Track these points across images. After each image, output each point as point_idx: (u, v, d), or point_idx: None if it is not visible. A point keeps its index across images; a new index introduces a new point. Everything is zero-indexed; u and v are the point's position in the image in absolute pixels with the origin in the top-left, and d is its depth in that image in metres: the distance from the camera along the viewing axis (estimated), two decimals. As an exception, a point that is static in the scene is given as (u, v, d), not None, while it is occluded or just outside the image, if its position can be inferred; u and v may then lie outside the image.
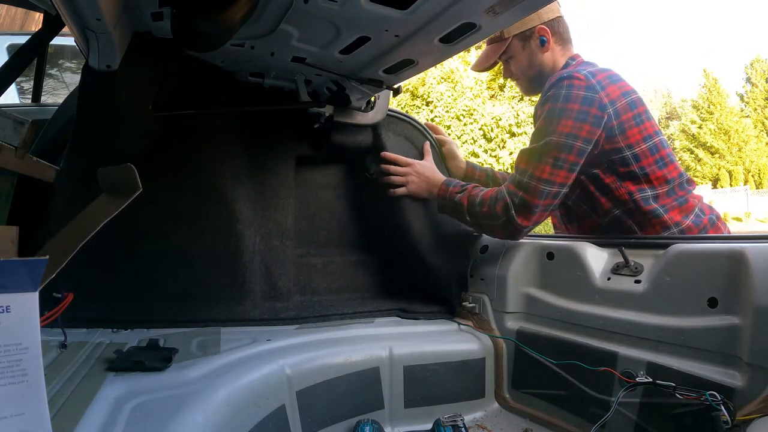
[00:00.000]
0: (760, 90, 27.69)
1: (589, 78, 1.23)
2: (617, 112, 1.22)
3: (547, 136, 1.21)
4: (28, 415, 0.50)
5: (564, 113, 1.20)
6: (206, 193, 1.29)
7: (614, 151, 1.24)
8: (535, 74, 1.44)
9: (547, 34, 1.39)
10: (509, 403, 1.20)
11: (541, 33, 1.39)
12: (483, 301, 1.33)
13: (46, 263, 0.51)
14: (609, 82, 1.25)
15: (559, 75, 1.29)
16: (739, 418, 0.74)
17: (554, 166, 1.19)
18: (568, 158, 1.19)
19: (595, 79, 1.23)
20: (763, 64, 27.85)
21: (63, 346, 0.89)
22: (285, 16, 0.98)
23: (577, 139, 1.19)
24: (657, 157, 1.26)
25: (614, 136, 1.23)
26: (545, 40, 1.39)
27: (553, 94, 1.24)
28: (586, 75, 1.24)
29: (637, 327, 0.97)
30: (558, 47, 1.41)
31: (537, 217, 1.22)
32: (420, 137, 1.59)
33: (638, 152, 1.24)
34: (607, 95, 1.22)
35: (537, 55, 1.41)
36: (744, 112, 27.72)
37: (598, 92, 1.21)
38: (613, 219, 1.30)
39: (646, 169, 1.25)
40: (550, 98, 1.25)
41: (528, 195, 1.19)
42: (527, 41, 1.41)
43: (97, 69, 1.09)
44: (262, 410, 0.86)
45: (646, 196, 1.26)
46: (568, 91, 1.22)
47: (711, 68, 45.66)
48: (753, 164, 25.61)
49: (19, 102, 2.84)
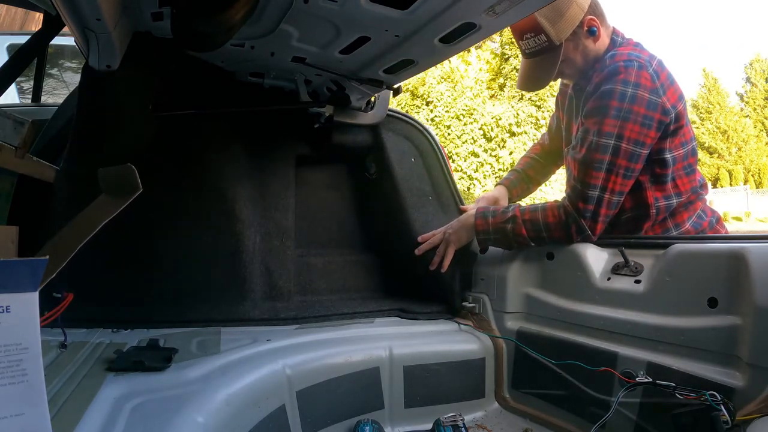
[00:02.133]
0: (760, 90, 27.68)
1: (654, 79, 1.15)
2: (677, 116, 1.17)
3: (612, 139, 1.13)
4: (28, 415, 0.50)
5: (630, 116, 1.13)
6: (206, 193, 1.29)
7: (659, 152, 1.20)
8: (590, 65, 1.29)
9: (595, 23, 1.24)
10: (509, 403, 1.20)
11: (590, 24, 1.24)
12: (483, 301, 1.33)
13: (46, 263, 0.51)
14: (669, 83, 1.18)
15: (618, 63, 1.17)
16: (739, 418, 0.74)
17: (625, 176, 1.14)
18: (636, 167, 1.15)
19: (659, 81, 1.15)
20: (763, 64, 27.85)
21: (63, 346, 0.89)
22: (285, 16, 0.98)
23: (644, 147, 1.14)
24: (685, 163, 1.23)
25: (665, 138, 1.18)
26: (595, 30, 1.24)
27: (617, 91, 1.14)
28: (652, 75, 1.15)
29: (637, 327, 0.97)
30: (603, 29, 1.27)
31: (605, 226, 1.18)
32: (420, 137, 1.59)
33: (677, 155, 1.21)
34: (668, 99, 1.15)
35: (590, 48, 1.26)
36: (744, 112, 27.71)
37: (661, 96, 1.14)
38: (628, 219, 1.27)
39: (676, 173, 1.22)
40: (612, 94, 1.14)
41: (602, 208, 1.15)
42: (578, 38, 1.25)
43: (97, 69, 1.09)
44: (262, 410, 0.86)
45: (670, 204, 1.23)
46: (634, 90, 1.13)
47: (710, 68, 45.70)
48: (753, 164, 25.61)
49: (19, 102, 2.84)
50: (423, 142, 1.59)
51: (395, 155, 1.54)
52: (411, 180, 1.53)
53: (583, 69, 1.31)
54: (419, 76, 13.42)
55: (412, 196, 1.51)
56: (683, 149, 1.22)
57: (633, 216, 1.27)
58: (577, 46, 1.26)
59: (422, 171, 1.58)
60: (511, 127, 14.06)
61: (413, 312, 1.35)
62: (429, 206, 1.52)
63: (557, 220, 1.19)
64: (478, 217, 1.31)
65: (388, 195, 1.54)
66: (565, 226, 1.18)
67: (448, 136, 13.91)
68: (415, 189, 1.53)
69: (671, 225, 1.26)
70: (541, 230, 1.21)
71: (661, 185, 1.23)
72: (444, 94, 14.13)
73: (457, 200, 1.59)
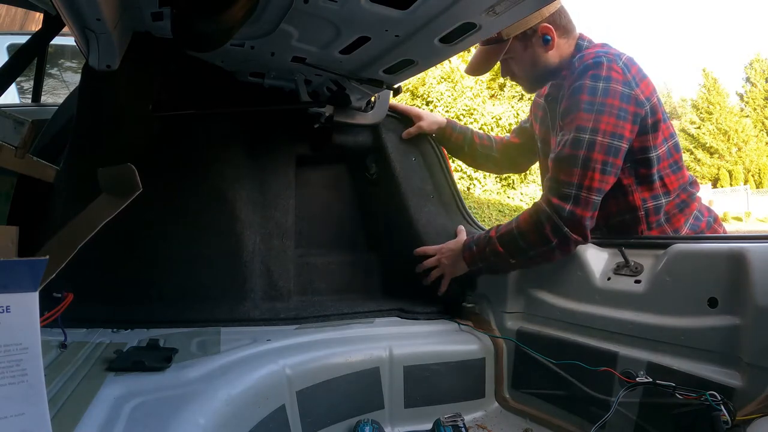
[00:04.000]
0: (760, 90, 27.67)
1: (626, 72, 1.13)
2: (653, 108, 1.15)
3: (588, 134, 1.09)
4: (28, 415, 0.50)
5: (605, 109, 1.09)
6: (206, 193, 1.29)
7: (642, 150, 1.17)
8: (539, 74, 1.31)
9: (550, 32, 1.25)
10: (509, 403, 1.20)
11: (544, 32, 1.25)
12: (483, 301, 1.33)
13: (46, 263, 0.51)
14: (641, 76, 1.16)
15: (587, 62, 1.17)
16: (739, 418, 0.74)
17: (603, 172, 1.08)
18: (616, 162, 1.10)
19: (630, 74, 1.14)
20: (763, 64, 27.83)
21: (63, 346, 0.89)
22: (285, 16, 0.98)
23: (622, 139, 1.09)
24: (671, 161, 1.21)
25: (647, 134, 1.15)
26: (549, 39, 1.25)
27: (588, 86, 1.12)
28: (622, 68, 1.13)
29: (637, 327, 0.97)
30: (563, 41, 1.27)
31: (589, 230, 1.11)
32: (421, 137, 1.59)
33: (661, 153, 1.19)
34: (642, 92, 1.14)
35: (540, 55, 1.27)
36: (744, 112, 27.71)
37: (634, 88, 1.13)
38: (617, 223, 1.26)
39: (662, 172, 1.20)
40: (583, 89, 1.13)
41: (579, 208, 1.08)
42: (528, 41, 1.27)
43: (97, 69, 1.09)
44: (262, 410, 0.86)
45: (659, 204, 1.21)
46: (606, 84, 1.11)
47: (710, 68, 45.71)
48: (753, 164, 25.60)
49: (20, 102, 2.84)
50: (423, 141, 1.60)
51: (396, 155, 1.54)
52: (411, 180, 1.53)
53: (532, 74, 1.32)
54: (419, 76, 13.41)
55: (412, 196, 1.51)
56: (666, 146, 1.20)
57: (622, 220, 1.25)
58: (527, 47, 1.28)
59: (423, 171, 1.57)
60: (511, 126, 14.05)
61: (413, 312, 1.35)
62: (430, 206, 1.51)
63: (530, 222, 1.13)
64: (465, 251, 1.28)
65: (389, 195, 1.54)
66: (539, 226, 1.11)
67: (448, 136, 13.91)
68: (416, 189, 1.53)
69: (669, 231, 1.25)
70: (516, 239, 1.15)
71: (648, 185, 1.21)
72: (444, 94, 14.11)
73: (457, 200, 1.59)
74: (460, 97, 14.17)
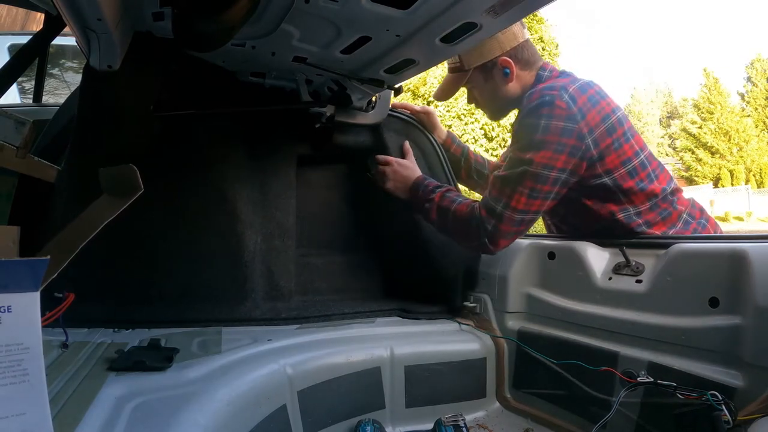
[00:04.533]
0: (761, 89, 27.65)
1: (571, 106, 1.16)
2: (596, 140, 1.17)
3: (523, 165, 1.18)
4: (29, 415, 0.50)
5: (543, 146, 1.16)
6: (207, 193, 1.29)
7: (594, 178, 1.21)
8: (500, 104, 1.41)
9: (509, 65, 1.32)
10: (510, 403, 1.20)
11: (503, 65, 1.32)
12: (484, 300, 1.33)
13: (47, 263, 0.51)
14: (590, 106, 1.18)
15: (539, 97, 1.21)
16: (740, 418, 0.74)
17: (529, 197, 1.18)
18: (543, 188, 1.18)
19: (576, 107, 1.17)
20: (764, 63, 27.82)
21: (64, 346, 0.89)
22: (286, 16, 0.98)
23: (552, 169, 1.17)
24: (637, 179, 1.21)
25: (593, 165, 1.19)
26: (509, 72, 1.32)
27: (533, 123, 1.19)
28: (567, 102, 1.17)
29: (639, 327, 0.97)
30: (525, 72, 1.34)
31: (510, 241, 1.24)
32: (422, 137, 1.59)
33: (617, 177, 1.20)
34: (587, 124, 1.16)
35: (501, 86, 1.35)
36: (745, 112, 27.68)
37: (578, 122, 1.16)
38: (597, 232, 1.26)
39: (627, 191, 1.21)
40: (529, 126, 1.20)
41: (502, 224, 1.19)
42: (489, 72, 1.35)
43: (98, 69, 1.09)
44: (263, 410, 0.86)
45: (629, 214, 1.22)
46: (547, 121, 1.17)
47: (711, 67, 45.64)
48: (754, 163, 25.58)
49: (21, 102, 2.85)
50: (424, 141, 1.59)
51: (397, 155, 1.54)
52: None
53: (494, 105, 1.43)
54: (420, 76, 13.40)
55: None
56: (625, 168, 1.20)
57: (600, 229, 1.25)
58: (488, 79, 1.37)
59: (424, 171, 1.57)
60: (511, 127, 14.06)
61: (414, 312, 1.35)
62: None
63: (464, 215, 1.25)
64: (413, 188, 1.38)
65: (390, 195, 1.53)
66: (467, 223, 1.24)
67: (448, 136, 13.91)
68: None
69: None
70: (447, 217, 1.28)
71: (614, 202, 1.22)
72: (445, 94, 14.12)
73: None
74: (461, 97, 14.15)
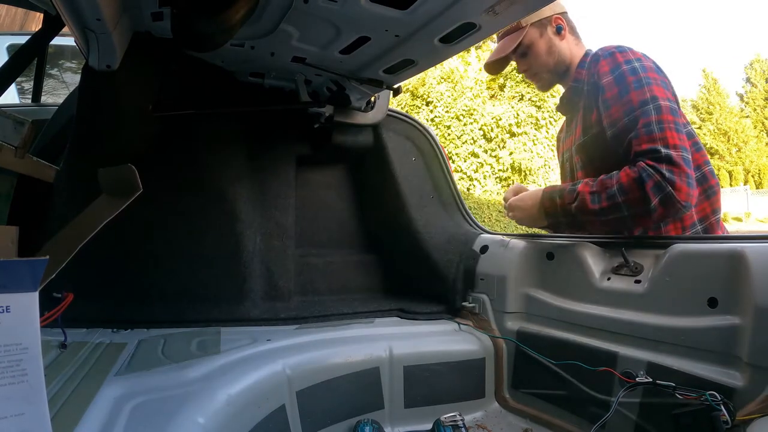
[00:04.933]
0: (760, 90, 27.67)
1: (647, 56, 1.23)
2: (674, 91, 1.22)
3: (646, 104, 1.13)
4: (28, 415, 0.49)
5: (651, 81, 1.16)
6: (207, 193, 1.29)
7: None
8: (554, 63, 1.39)
9: (562, 22, 1.39)
10: (509, 403, 1.20)
11: (557, 21, 1.39)
12: (483, 301, 1.33)
13: (46, 263, 0.51)
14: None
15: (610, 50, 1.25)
16: (739, 418, 0.74)
17: (677, 131, 1.11)
18: (680, 122, 1.13)
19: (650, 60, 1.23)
20: (763, 64, 27.84)
21: (63, 346, 0.89)
22: (285, 16, 0.98)
23: (675, 103, 1.16)
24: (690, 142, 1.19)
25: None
26: (561, 28, 1.38)
27: (627, 69, 1.18)
28: (642, 53, 1.23)
29: (637, 327, 0.97)
30: (572, 38, 1.40)
31: (690, 189, 1.07)
32: (420, 137, 1.59)
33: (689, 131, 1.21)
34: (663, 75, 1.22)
35: (555, 42, 1.38)
36: (744, 112, 27.71)
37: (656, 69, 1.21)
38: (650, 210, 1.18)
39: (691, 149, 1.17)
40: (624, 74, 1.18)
41: (675, 166, 1.06)
42: (544, 29, 1.39)
43: (97, 69, 1.09)
44: (262, 410, 0.86)
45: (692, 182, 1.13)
46: (639, 63, 1.19)
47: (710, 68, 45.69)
48: (753, 164, 25.60)
49: (19, 102, 2.84)
50: (423, 142, 1.60)
51: (396, 155, 1.54)
52: (411, 180, 1.53)
53: (548, 64, 1.39)
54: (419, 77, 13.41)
55: (412, 195, 1.51)
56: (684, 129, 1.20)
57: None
58: (542, 34, 1.38)
59: (423, 171, 1.58)
60: (511, 127, 14.04)
61: (413, 312, 1.35)
62: (430, 206, 1.52)
63: (631, 178, 1.09)
64: (546, 200, 1.24)
65: (389, 195, 1.54)
66: (639, 183, 1.08)
67: (448, 137, 13.89)
68: (416, 189, 1.53)
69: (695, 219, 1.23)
70: (614, 196, 1.11)
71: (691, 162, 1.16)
72: (444, 95, 14.11)
73: (457, 200, 1.59)
74: (460, 98, 14.18)
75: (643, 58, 1.22)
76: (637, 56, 1.22)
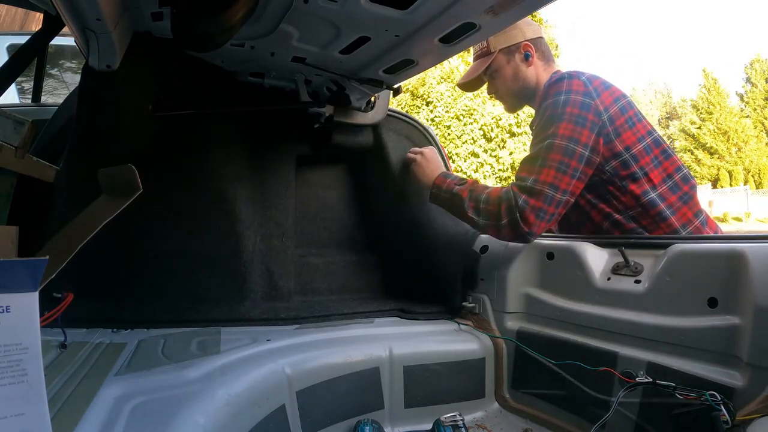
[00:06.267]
0: (760, 90, 27.68)
1: (587, 84, 1.25)
2: (611, 117, 1.23)
3: (547, 139, 1.20)
4: (28, 415, 0.49)
5: (564, 117, 1.20)
6: (206, 193, 1.29)
7: (614, 156, 1.24)
8: (518, 89, 1.46)
9: (531, 50, 1.43)
10: (509, 403, 1.20)
11: (525, 48, 1.43)
12: (483, 301, 1.33)
13: (46, 263, 0.51)
14: (603, 88, 1.27)
15: (558, 76, 1.30)
16: (739, 418, 0.74)
17: (558, 170, 1.17)
18: (571, 163, 1.18)
19: (591, 86, 1.25)
20: (763, 64, 27.84)
21: (63, 346, 0.89)
22: (285, 16, 0.98)
23: (577, 143, 1.18)
24: (652, 156, 1.27)
25: (612, 141, 1.23)
26: (529, 55, 1.43)
27: (552, 101, 1.25)
28: (584, 81, 1.25)
29: (637, 327, 0.97)
30: (541, 63, 1.44)
31: (542, 223, 1.18)
32: (421, 137, 1.59)
33: (636, 152, 1.25)
34: (602, 102, 1.23)
35: (521, 69, 1.44)
36: (744, 112, 27.71)
37: (594, 99, 1.23)
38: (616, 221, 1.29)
39: (645, 168, 1.25)
40: (549, 105, 1.26)
41: (533, 198, 1.16)
42: (512, 56, 1.44)
43: (97, 69, 1.09)
44: (262, 410, 0.86)
45: (653, 198, 1.25)
46: (566, 96, 1.23)
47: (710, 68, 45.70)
48: (753, 164, 25.60)
49: (19, 102, 2.84)
50: (423, 142, 1.60)
51: (395, 155, 1.54)
52: (412, 180, 1.53)
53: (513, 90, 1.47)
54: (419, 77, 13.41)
55: (412, 195, 1.51)
56: (641, 144, 1.26)
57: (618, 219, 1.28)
58: (510, 62, 1.45)
59: None
60: (511, 127, 14.05)
61: (413, 312, 1.35)
62: (430, 206, 1.52)
63: (497, 194, 1.22)
64: (442, 174, 1.38)
65: (389, 195, 1.54)
66: (498, 201, 1.20)
67: (448, 137, 13.90)
68: (416, 188, 1.53)
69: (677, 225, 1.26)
70: (480, 201, 1.24)
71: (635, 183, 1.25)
72: (444, 95, 14.12)
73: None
74: (460, 98, 14.18)
75: (579, 88, 1.24)
76: (573, 87, 1.24)
